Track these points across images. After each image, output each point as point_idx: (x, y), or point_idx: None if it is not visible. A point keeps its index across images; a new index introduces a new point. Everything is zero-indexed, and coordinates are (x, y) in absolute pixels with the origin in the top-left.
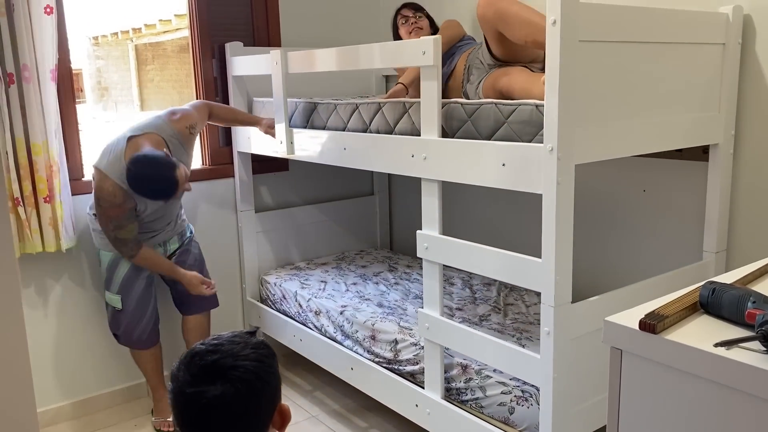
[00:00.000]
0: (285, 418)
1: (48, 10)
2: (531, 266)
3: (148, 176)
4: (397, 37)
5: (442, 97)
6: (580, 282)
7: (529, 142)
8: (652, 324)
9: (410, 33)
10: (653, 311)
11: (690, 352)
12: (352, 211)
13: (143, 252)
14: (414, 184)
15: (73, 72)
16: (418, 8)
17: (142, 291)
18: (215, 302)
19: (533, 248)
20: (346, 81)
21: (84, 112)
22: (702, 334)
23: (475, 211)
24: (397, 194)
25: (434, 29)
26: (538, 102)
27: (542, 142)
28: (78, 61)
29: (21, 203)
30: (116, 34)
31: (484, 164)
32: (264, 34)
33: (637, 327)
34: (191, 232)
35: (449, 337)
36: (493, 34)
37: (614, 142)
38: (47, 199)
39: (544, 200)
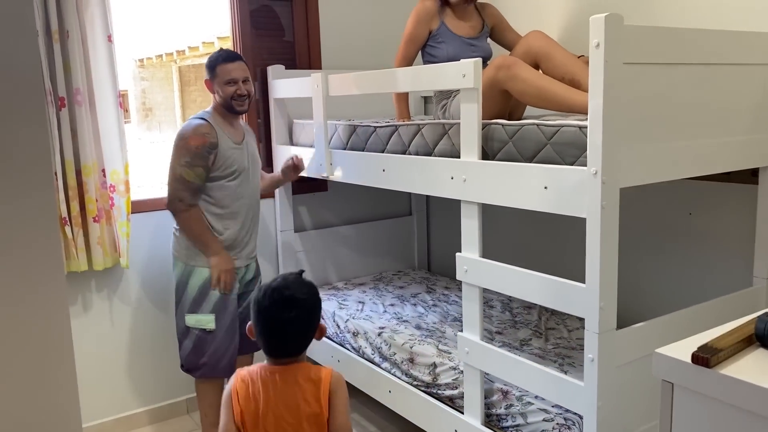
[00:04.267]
0: (322, 331)
1: (110, 38)
2: (574, 292)
3: (218, 51)
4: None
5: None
6: (623, 307)
7: (573, 164)
8: (705, 358)
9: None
10: (706, 344)
11: (746, 387)
12: (389, 231)
13: (194, 212)
14: (452, 205)
15: (120, 93)
16: None
17: (233, 313)
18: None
19: (575, 272)
20: (385, 101)
21: (129, 132)
22: (759, 368)
23: (516, 233)
24: (435, 215)
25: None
26: (581, 123)
27: (586, 165)
28: (123, 82)
29: (68, 223)
30: (161, 56)
31: (525, 187)
32: (305, 57)
33: (689, 360)
34: (258, 275)
35: (489, 362)
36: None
37: (660, 165)
38: (96, 218)
39: (588, 225)
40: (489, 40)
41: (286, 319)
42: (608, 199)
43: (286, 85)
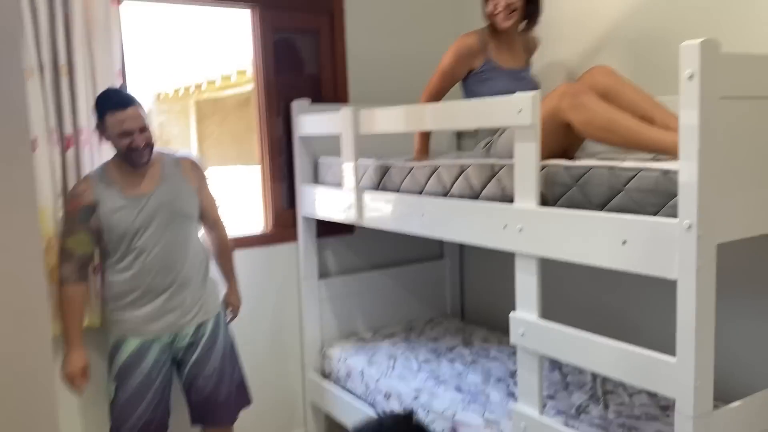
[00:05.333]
0: None
1: (119, 73)
2: (663, 367)
3: (105, 91)
4: (484, 4)
5: None
6: (715, 379)
7: (654, 214)
8: None
9: (496, 13)
10: None
11: None
12: (420, 276)
13: (76, 288)
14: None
15: None
16: None
17: (143, 383)
18: (236, 412)
19: (657, 340)
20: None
21: None
22: None
23: (579, 288)
24: (469, 258)
25: (534, 7)
26: (665, 167)
27: (671, 215)
28: None
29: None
30: (178, 90)
31: (598, 240)
32: (331, 90)
33: None
34: (217, 323)
35: None
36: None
37: (764, 215)
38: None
39: (679, 288)
40: None
41: None
42: (705, 257)
43: (312, 122)
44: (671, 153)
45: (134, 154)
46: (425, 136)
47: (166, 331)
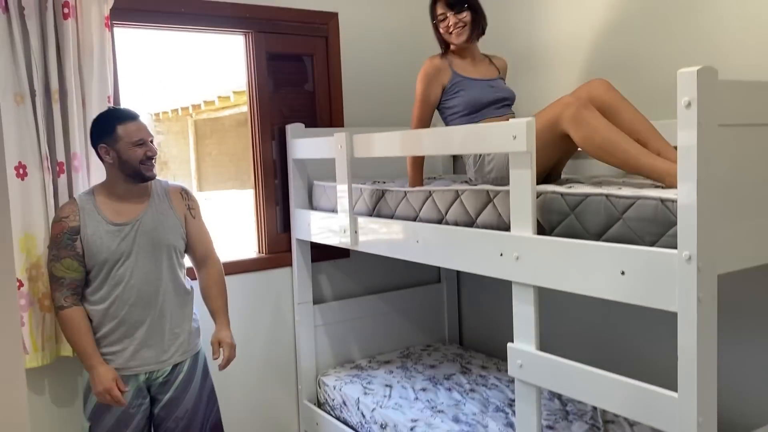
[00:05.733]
0: None
1: (109, 99)
2: (664, 402)
3: (101, 113)
4: (436, 31)
5: None
6: (719, 411)
7: (653, 244)
8: None
9: (449, 32)
10: None
11: None
12: (417, 300)
13: (70, 312)
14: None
15: None
16: (456, 5)
17: (120, 422)
18: None
19: (659, 372)
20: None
21: None
22: None
23: (577, 318)
24: (467, 282)
25: (480, 20)
26: (664, 196)
27: (671, 245)
28: None
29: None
30: (176, 110)
31: (596, 270)
32: (326, 114)
33: None
34: (195, 363)
35: None
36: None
37: (765, 245)
38: None
39: (680, 321)
40: None
41: None
42: (705, 289)
43: (307, 145)
44: (667, 182)
45: (148, 163)
46: (420, 165)
47: (143, 369)
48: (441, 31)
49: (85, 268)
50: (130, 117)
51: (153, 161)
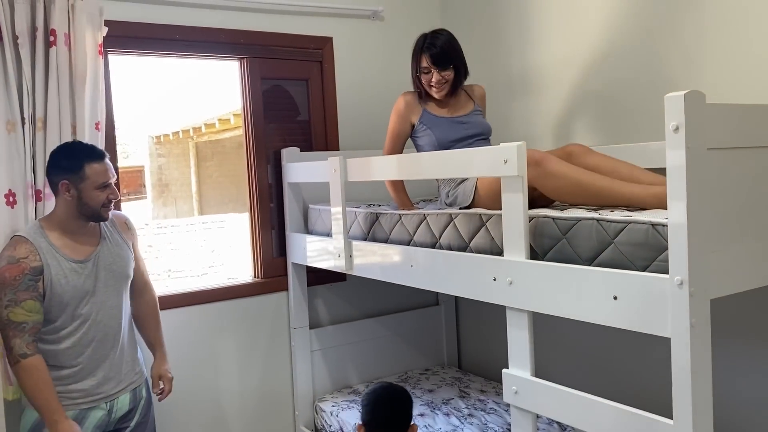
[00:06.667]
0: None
1: (97, 126)
2: (660, 429)
3: (67, 145)
4: (416, 78)
5: None
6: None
7: (644, 269)
8: None
9: (431, 86)
10: None
11: None
12: (415, 324)
13: (33, 361)
14: None
15: (136, 169)
16: (442, 63)
17: None
18: None
19: (655, 397)
20: (407, 183)
21: (143, 209)
22: None
23: (574, 344)
24: (465, 304)
25: (462, 77)
26: (654, 220)
27: (661, 271)
28: (140, 159)
29: None
30: (177, 133)
31: (589, 296)
32: (321, 138)
33: None
34: (147, 391)
35: None
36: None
37: (758, 269)
38: None
39: (673, 347)
40: None
41: (397, 408)
42: (698, 315)
43: (302, 169)
44: (648, 205)
45: (109, 206)
46: (402, 188)
47: (103, 401)
48: (422, 82)
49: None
50: (99, 156)
51: (113, 204)
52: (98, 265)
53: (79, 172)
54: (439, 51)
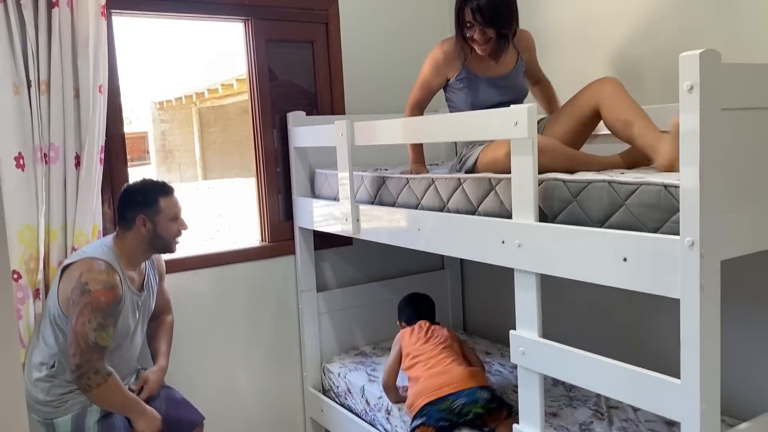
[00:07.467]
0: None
1: (100, 89)
2: (667, 389)
3: (139, 182)
4: (459, 31)
5: None
6: (722, 396)
7: (656, 230)
8: None
9: (474, 41)
10: None
11: None
12: (421, 287)
13: (112, 382)
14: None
15: (139, 135)
16: (487, 20)
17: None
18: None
19: (663, 358)
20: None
21: (149, 174)
22: None
23: (580, 305)
24: (471, 268)
25: (507, 36)
26: (667, 182)
27: (673, 232)
28: (144, 125)
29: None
30: (180, 99)
31: (598, 257)
32: (327, 101)
33: None
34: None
35: None
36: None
37: None
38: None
39: (683, 308)
40: None
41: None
42: (708, 276)
43: (308, 134)
44: (661, 152)
45: (179, 239)
46: (418, 146)
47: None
48: (465, 36)
49: None
50: (170, 191)
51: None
52: (143, 300)
53: (155, 206)
54: (484, 5)
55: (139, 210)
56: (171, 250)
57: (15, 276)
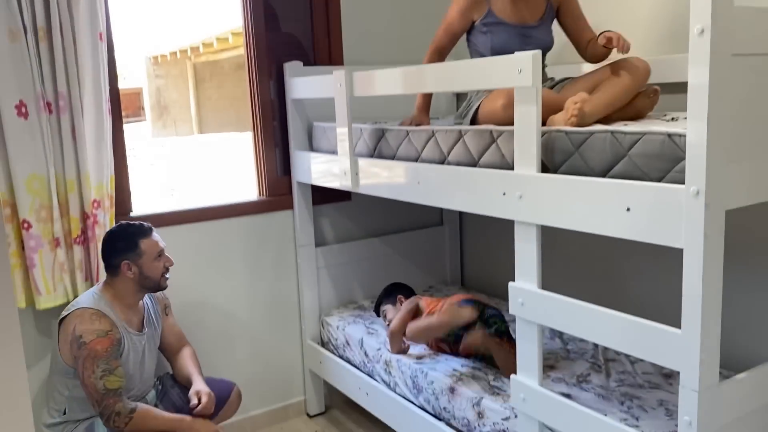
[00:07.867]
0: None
1: (101, 36)
2: (667, 339)
3: (117, 228)
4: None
5: None
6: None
7: (659, 180)
8: None
9: None
10: None
11: None
12: (419, 243)
13: (141, 407)
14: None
15: (134, 91)
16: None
17: None
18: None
19: (664, 310)
20: (413, 99)
21: (142, 132)
22: None
23: (580, 256)
24: (469, 224)
25: None
26: (671, 131)
27: (677, 182)
28: (138, 80)
29: (60, 244)
30: (175, 53)
31: (601, 208)
32: (325, 52)
33: None
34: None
35: (551, 413)
36: None
37: None
38: (78, 240)
39: (685, 257)
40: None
41: None
42: (712, 225)
43: (305, 85)
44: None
45: (167, 275)
46: (427, 95)
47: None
48: None
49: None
50: (149, 231)
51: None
52: (146, 340)
53: (136, 250)
54: None
55: (123, 256)
56: (161, 287)
57: (25, 225)
